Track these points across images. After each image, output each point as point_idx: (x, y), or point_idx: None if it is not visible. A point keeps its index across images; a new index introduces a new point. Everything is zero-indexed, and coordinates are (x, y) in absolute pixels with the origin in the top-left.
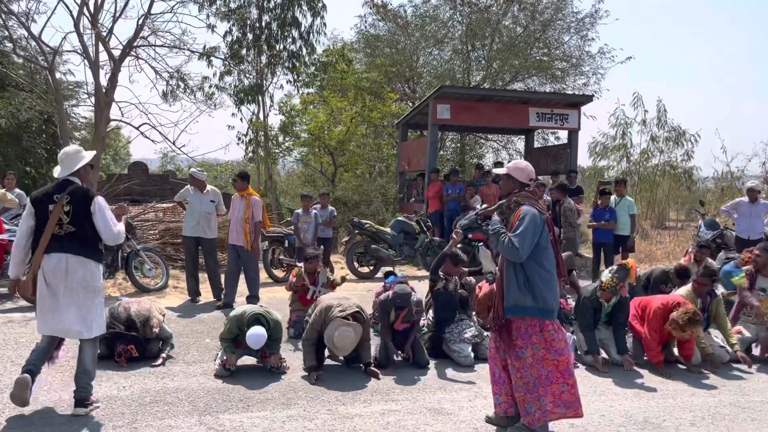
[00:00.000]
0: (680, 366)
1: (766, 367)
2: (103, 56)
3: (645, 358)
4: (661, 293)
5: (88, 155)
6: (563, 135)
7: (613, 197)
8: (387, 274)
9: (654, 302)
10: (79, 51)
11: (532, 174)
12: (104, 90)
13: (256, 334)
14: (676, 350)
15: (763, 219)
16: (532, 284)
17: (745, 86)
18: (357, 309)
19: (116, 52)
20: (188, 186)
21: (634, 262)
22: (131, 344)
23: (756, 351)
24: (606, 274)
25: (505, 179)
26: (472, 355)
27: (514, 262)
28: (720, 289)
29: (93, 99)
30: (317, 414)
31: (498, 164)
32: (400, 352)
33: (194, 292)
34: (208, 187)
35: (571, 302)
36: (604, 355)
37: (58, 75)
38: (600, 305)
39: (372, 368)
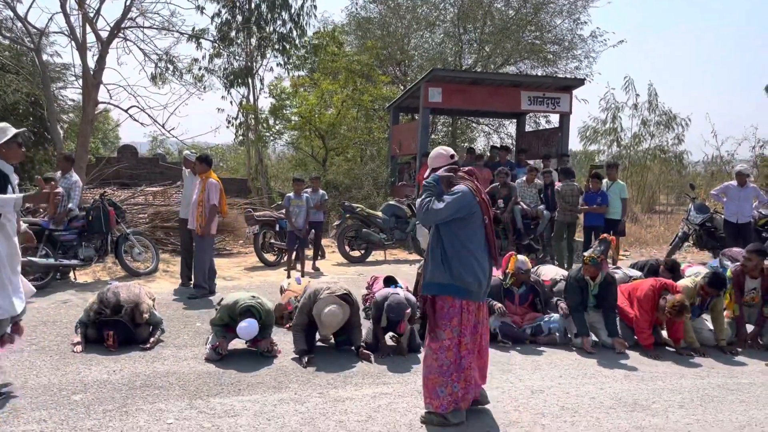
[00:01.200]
0: (669, 348)
1: (754, 350)
2: (91, 38)
3: (635, 338)
4: None
5: (10, 132)
6: (554, 119)
7: (604, 181)
8: (388, 281)
9: (644, 284)
10: (66, 32)
11: (446, 153)
12: (92, 72)
13: (247, 326)
14: (665, 333)
15: (751, 203)
16: (450, 261)
17: (739, 70)
18: (346, 291)
19: (104, 34)
20: (185, 168)
21: (614, 237)
22: (112, 330)
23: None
24: (588, 251)
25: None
26: None
27: (437, 239)
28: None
29: (80, 81)
30: (308, 397)
31: (470, 150)
32: (392, 333)
33: (186, 276)
34: None
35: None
36: (593, 338)
37: (44, 57)
38: (586, 284)
39: (364, 351)
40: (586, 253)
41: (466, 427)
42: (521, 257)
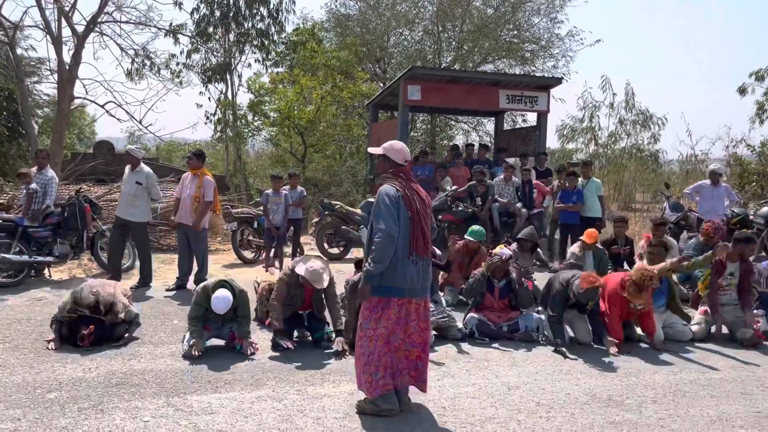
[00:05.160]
0: (643, 345)
1: (725, 347)
2: (66, 32)
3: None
4: None
5: None
6: (531, 118)
7: (579, 179)
8: (358, 264)
9: (612, 280)
10: (41, 26)
11: (407, 155)
12: (67, 67)
13: (222, 296)
14: (639, 330)
15: (724, 201)
16: None
17: (714, 70)
18: (320, 261)
19: (80, 28)
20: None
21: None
22: (92, 325)
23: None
24: (576, 287)
25: (380, 159)
26: (433, 337)
27: (368, 242)
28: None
29: (56, 76)
30: (286, 394)
31: (454, 147)
32: None
33: (115, 272)
34: (141, 167)
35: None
36: (570, 333)
37: (19, 51)
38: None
39: (341, 340)
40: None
41: (444, 422)
42: (501, 249)
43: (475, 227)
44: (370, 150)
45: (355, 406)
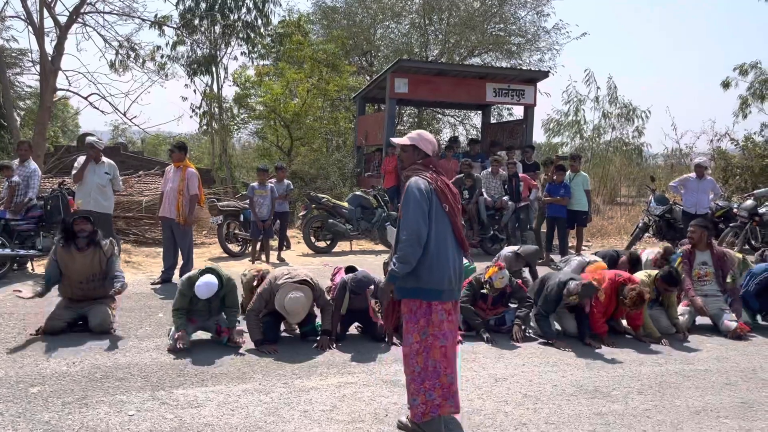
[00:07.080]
0: (628, 336)
1: (709, 338)
2: (49, 23)
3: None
4: None
5: None
6: (517, 111)
7: (567, 173)
8: (349, 270)
9: (604, 276)
10: (22, 17)
11: (436, 146)
12: (50, 58)
13: (206, 282)
14: (624, 322)
15: (709, 194)
16: (416, 264)
17: (698, 64)
18: (306, 278)
19: (62, 19)
20: (80, 157)
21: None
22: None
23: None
24: (572, 286)
25: (409, 150)
26: None
27: (397, 240)
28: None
29: (38, 67)
30: (273, 387)
31: (454, 140)
32: (357, 323)
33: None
34: (104, 158)
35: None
36: (557, 326)
37: (0, 42)
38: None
39: (327, 338)
40: (570, 297)
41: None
42: (503, 274)
43: None
44: (395, 140)
45: (398, 423)
